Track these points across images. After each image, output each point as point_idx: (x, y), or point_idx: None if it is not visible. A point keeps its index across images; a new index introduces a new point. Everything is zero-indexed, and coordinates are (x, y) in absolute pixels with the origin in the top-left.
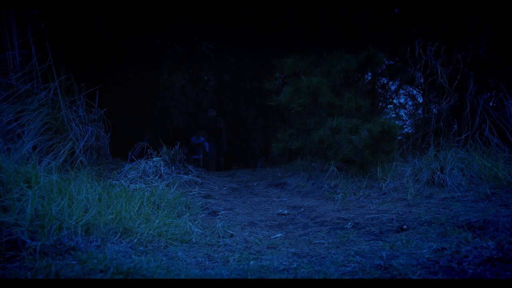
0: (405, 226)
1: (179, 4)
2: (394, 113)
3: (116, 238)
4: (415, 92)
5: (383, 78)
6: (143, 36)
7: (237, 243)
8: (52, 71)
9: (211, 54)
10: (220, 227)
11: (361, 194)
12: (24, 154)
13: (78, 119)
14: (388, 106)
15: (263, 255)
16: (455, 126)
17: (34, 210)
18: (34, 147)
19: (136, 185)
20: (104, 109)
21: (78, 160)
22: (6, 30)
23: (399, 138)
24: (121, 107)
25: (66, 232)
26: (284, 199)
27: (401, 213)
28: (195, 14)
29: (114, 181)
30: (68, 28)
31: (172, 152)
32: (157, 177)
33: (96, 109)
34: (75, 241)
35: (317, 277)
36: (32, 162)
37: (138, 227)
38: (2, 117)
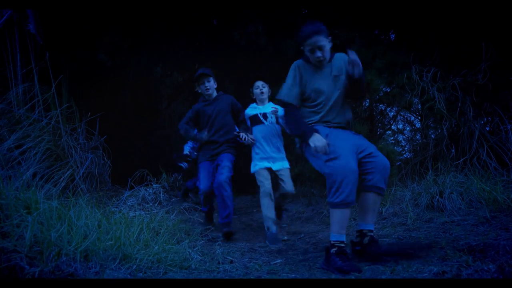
0: None
1: (179, 34)
2: (392, 139)
3: (115, 265)
4: (412, 118)
5: (381, 105)
6: (143, 65)
7: (237, 269)
8: (54, 99)
9: None
10: (220, 254)
11: None
12: (25, 180)
13: (78, 146)
14: (387, 132)
15: None
16: (453, 150)
17: (33, 236)
18: (35, 174)
19: (136, 212)
20: (104, 137)
21: (79, 187)
22: (10, 59)
23: (398, 163)
24: (121, 135)
25: (65, 258)
26: (284, 225)
27: (401, 237)
28: (195, 43)
29: (113, 208)
30: (71, 57)
31: (172, 179)
32: (156, 204)
33: (96, 137)
34: (73, 268)
35: None
36: (33, 188)
37: (137, 253)
38: (3, 144)
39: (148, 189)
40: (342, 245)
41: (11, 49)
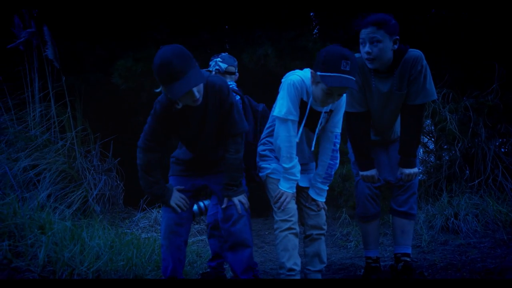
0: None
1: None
2: None
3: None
4: (426, 139)
5: None
6: (156, 88)
7: None
8: (69, 121)
9: None
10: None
11: None
12: (39, 201)
13: (92, 168)
14: None
15: None
16: (467, 172)
17: (46, 256)
18: (49, 195)
19: (148, 234)
20: (118, 159)
21: (91, 208)
22: (29, 83)
23: None
24: (134, 157)
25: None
26: None
27: (415, 260)
28: (207, 66)
29: (125, 230)
30: (86, 81)
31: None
32: None
33: (110, 159)
34: None
35: None
36: (47, 209)
37: (148, 274)
38: (19, 167)
39: (160, 210)
40: (369, 260)
41: (30, 73)
